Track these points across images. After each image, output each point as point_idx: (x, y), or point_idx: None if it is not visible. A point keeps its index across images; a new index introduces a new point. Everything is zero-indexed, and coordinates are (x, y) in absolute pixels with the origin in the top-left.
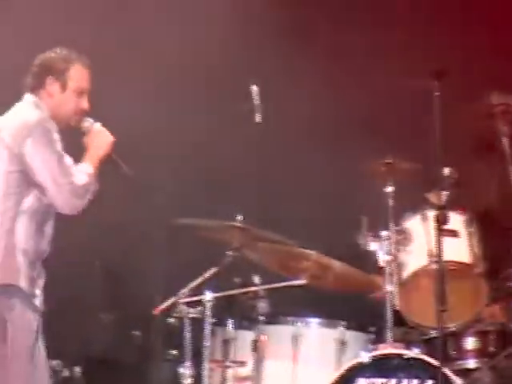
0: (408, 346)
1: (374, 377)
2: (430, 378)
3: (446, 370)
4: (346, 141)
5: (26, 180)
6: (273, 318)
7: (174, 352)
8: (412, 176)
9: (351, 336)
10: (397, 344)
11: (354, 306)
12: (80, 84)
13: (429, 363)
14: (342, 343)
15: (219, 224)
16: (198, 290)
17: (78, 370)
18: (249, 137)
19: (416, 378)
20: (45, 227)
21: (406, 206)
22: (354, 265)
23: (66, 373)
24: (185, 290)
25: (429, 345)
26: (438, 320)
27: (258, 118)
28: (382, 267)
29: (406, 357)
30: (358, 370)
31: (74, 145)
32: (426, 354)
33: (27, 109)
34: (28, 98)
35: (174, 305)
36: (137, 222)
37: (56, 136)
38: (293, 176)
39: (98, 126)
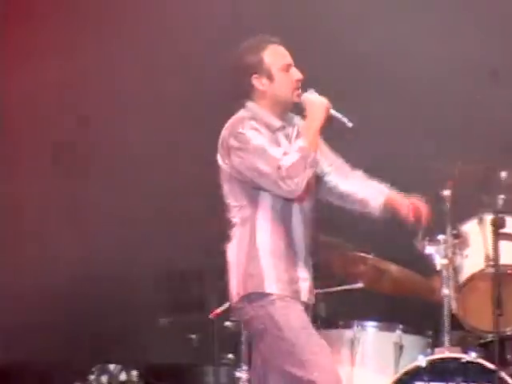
0: (465, 350)
1: (431, 380)
2: (487, 382)
3: (503, 374)
4: (407, 141)
5: (247, 186)
6: (330, 322)
7: (231, 356)
8: (469, 179)
9: (408, 339)
10: (454, 348)
11: (410, 310)
12: (282, 62)
13: (486, 367)
14: (400, 347)
15: None
16: None
17: (135, 373)
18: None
19: (473, 381)
20: (292, 217)
21: (462, 209)
22: (412, 268)
23: (123, 376)
24: None
25: (486, 349)
26: (495, 324)
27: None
28: (438, 271)
29: (463, 361)
30: (416, 373)
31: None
32: (483, 358)
33: (230, 121)
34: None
35: (230, 309)
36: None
37: (252, 133)
38: None
39: (309, 96)
